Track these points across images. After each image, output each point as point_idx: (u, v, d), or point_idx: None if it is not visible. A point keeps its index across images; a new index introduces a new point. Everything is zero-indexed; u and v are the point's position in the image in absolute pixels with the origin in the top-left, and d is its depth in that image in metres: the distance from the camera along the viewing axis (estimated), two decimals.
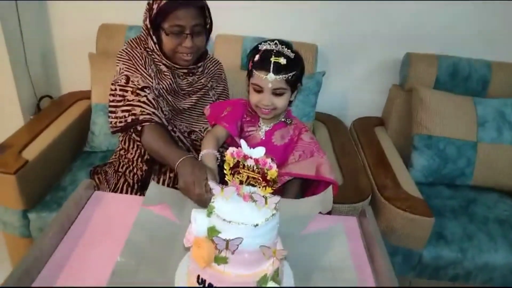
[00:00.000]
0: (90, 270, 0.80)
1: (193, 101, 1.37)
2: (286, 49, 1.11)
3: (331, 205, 1.02)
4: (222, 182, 0.79)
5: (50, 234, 0.81)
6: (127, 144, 1.39)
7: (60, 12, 1.90)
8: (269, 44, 1.12)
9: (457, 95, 1.80)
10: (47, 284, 0.75)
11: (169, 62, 1.29)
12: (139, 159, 1.37)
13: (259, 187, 0.72)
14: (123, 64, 1.27)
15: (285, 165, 1.21)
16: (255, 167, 0.70)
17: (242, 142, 0.72)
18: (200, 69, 1.37)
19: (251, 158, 0.70)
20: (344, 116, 2.07)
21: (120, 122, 1.22)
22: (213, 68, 1.44)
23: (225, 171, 0.74)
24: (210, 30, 1.32)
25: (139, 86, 1.22)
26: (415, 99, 1.79)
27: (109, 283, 0.75)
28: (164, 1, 1.20)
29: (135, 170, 1.38)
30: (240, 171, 0.72)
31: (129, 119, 1.20)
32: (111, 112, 1.26)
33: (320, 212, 1.02)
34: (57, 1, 1.87)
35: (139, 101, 1.20)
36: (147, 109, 1.20)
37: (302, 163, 1.20)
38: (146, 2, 1.25)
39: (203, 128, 1.38)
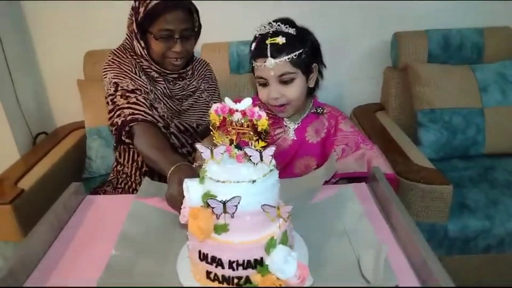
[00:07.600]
0: (83, 270, 0.74)
1: (190, 104, 1.32)
2: (284, 26, 0.93)
3: (335, 169, 0.95)
4: None
5: (36, 235, 0.75)
6: (122, 157, 1.34)
7: (46, 45, 1.91)
8: (264, 27, 0.95)
9: (452, 65, 1.75)
10: (37, 285, 0.69)
11: (158, 67, 1.23)
12: (137, 173, 1.32)
13: (251, 143, 0.66)
14: (111, 72, 1.21)
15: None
16: (243, 121, 0.65)
17: (226, 99, 0.67)
18: (189, 72, 1.33)
19: (237, 111, 0.65)
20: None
21: (116, 129, 1.15)
22: (202, 69, 1.41)
23: (212, 133, 0.68)
24: (198, 33, 1.27)
25: (129, 89, 1.16)
26: (411, 75, 1.74)
27: (102, 277, 0.67)
28: (152, 4, 1.14)
29: (134, 186, 1.33)
30: (228, 129, 0.67)
31: (119, 122, 1.12)
32: (111, 125, 1.18)
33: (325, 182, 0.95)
34: (41, 34, 1.88)
35: (128, 102, 1.13)
36: (136, 109, 1.13)
37: (349, 160, 1.00)
38: (131, 7, 1.19)
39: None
